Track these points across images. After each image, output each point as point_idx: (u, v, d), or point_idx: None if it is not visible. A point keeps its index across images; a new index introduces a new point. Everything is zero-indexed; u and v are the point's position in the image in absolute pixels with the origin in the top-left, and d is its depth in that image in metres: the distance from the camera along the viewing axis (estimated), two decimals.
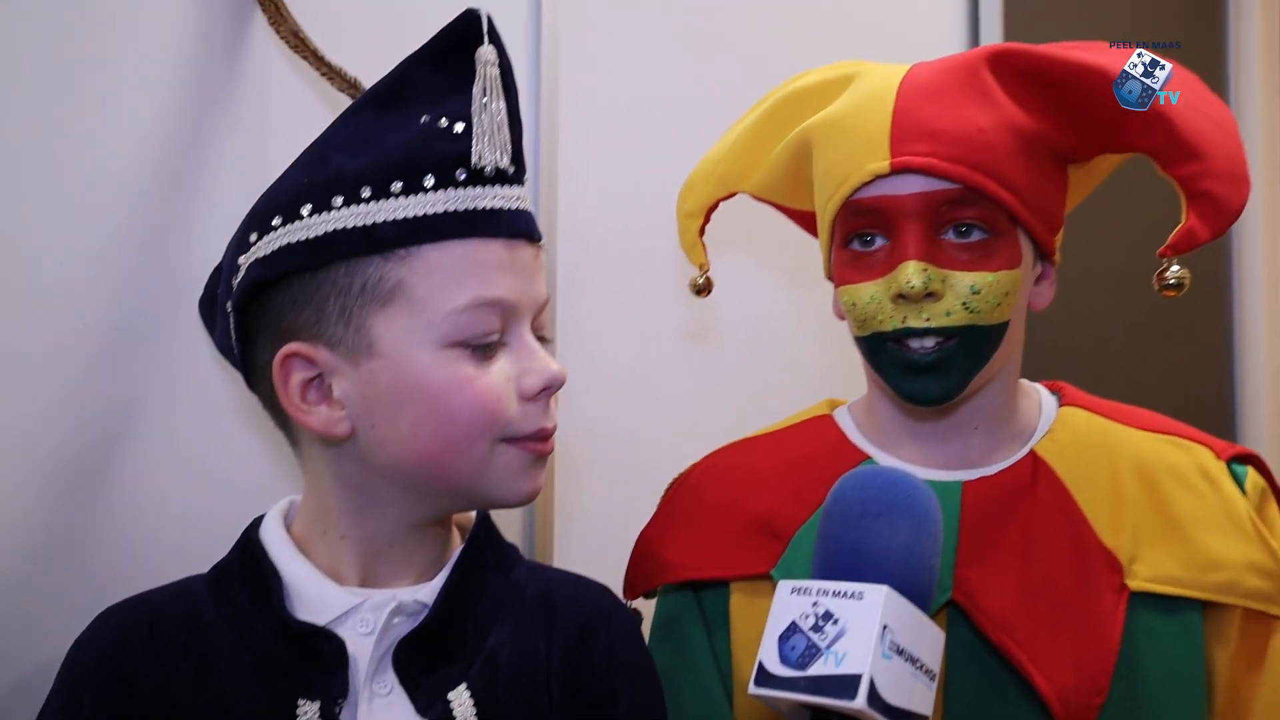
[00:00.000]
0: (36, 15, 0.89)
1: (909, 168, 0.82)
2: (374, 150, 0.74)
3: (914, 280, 0.81)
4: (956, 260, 0.83)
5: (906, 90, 0.86)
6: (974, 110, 0.84)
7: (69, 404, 0.91)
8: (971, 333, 0.83)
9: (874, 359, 0.88)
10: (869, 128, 0.85)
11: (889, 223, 0.84)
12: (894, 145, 0.83)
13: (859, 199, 0.85)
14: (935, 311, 0.83)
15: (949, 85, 0.85)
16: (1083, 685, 0.79)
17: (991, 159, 0.82)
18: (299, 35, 0.91)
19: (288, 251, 0.74)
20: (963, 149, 0.82)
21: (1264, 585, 0.83)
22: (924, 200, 0.83)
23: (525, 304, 0.77)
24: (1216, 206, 0.81)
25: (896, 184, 0.83)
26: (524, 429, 0.77)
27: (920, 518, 0.73)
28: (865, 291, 0.85)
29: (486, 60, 0.76)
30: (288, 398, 0.76)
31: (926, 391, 0.85)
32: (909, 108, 0.85)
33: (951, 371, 0.84)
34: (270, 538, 0.80)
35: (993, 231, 0.83)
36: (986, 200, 0.83)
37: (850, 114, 0.87)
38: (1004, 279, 0.83)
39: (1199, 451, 0.89)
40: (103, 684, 0.74)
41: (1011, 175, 0.83)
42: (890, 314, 0.84)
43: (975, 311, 0.83)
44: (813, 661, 0.68)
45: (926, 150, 0.82)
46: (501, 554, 0.85)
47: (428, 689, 0.75)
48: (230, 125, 0.99)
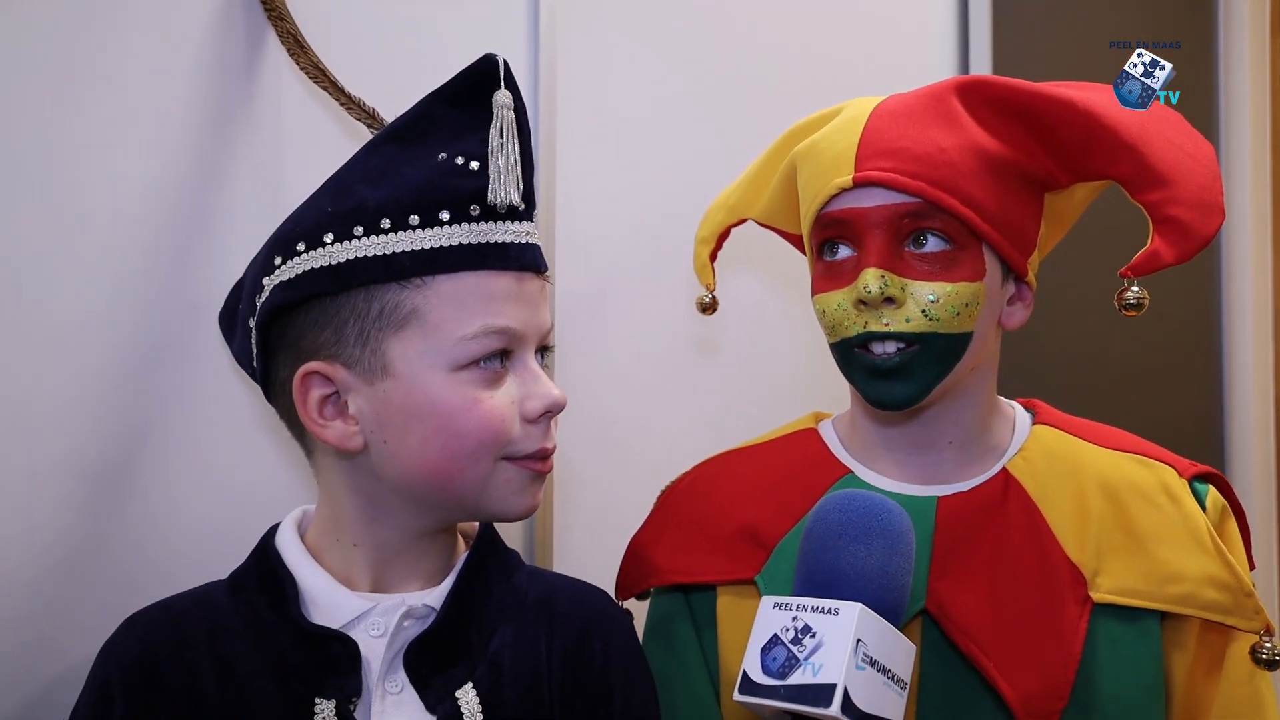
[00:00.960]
0: (54, 47, 0.91)
1: (870, 181, 0.87)
2: (394, 183, 0.78)
3: (871, 285, 0.86)
4: (916, 270, 0.87)
5: (877, 114, 0.91)
6: (936, 132, 0.89)
7: (93, 417, 0.94)
8: (933, 340, 0.87)
9: (844, 365, 0.92)
10: (839, 147, 0.90)
11: (855, 234, 0.89)
12: (859, 161, 0.88)
13: (828, 212, 0.90)
14: (896, 318, 0.87)
15: (916, 110, 0.91)
16: (1046, 691, 0.83)
17: (950, 176, 0.87)
18: (319, 67, 0.95)
19: (311, 276, 0.78)
20: (923, 166, 0.87)
21: (1221, 598, 0.86)
22: (885, 212, 0.87)
23: (530, 332, 0.82)
24: (1183, 232, 0.84)
25: (861, 197, 0.88)
26: (525, 449, 0.81)
27: (893, 539, 0.79)
28: (833, 299, 0.90)
29: (503, 105, 0.80)
30: (306, 413, 0.80)
31: (890, 394, 0.89)
32: (876, 128, 0.90)
33: (914, 377, 0.88)
34: (286, 546, 0.84)
35: (953, 244, 0.87)
36: (945, 214, 0.87)
37: (826, 137, 0.93)
38: (963, 290, 0.87)
39: (1163, 470, 0.92)
40: (132, 686, 0.77)
41: (971, 192, 0.87)
42: (854, 320, 0.88)
43: (934, 319, 0.87)
44: (792, 671, 0.74)
45: (888, 166, 0.87)
46: (504, 560, 0.89)
47: (437, 687, 0.80)
48: (248, 152, 1.02)
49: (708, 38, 1.38)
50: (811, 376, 1.43)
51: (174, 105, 0.97)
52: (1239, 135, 1.90)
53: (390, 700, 0.79)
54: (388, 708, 0.79)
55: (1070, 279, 1.58)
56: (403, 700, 0.79)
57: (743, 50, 1.41)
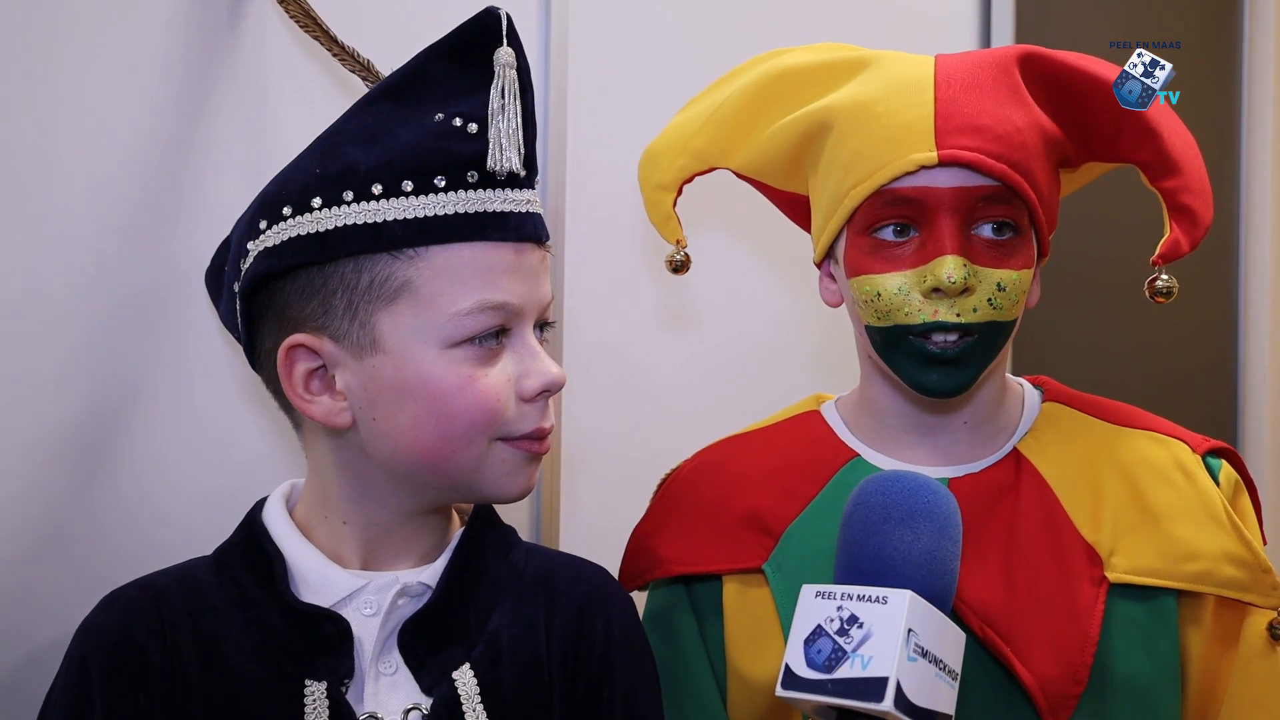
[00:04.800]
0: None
1: (957, 160, 0.82)
2: (387, 145, 0.75)
3: (955, 275, 0.82)
4: (986, 257, 0.84)
5: (946, 81, 0.86)
6: (1010, 109, 0.85)
7: (71, 387, 0.92)
8: (991, 329, 0.85)
9: (890, 351, 0.88)
10: (907, 116, 0.85)
11: (925, 215, 0.84)
12: (939, 136, 0.83)
13: (896, 188, 0.84)
14: (965, 307, 0.84)
15: (986, 81, 0.86)
16: (1063, 675, 0.82)
17: (1026, 158, 0.84)
18: (310, 15, 0.91)
19: (297, 244, 0.75)
20: (1005, 146, 0.83)
21: (1238, 574, 0.85)
22: (961, 195, 0.83)
23: (529, 307, 0.78)
24: (1193, 220, 0.86)
25: (938, 176, 0.83)
26: (521, 429, 0.78)
27: (941, 522, 0.75)
28: (892, 282, 0.85)
29: (505, 63, 0.76)
30: (291, 387, 0.77)
31: (943, 384, 0.86)
32: (952, 98, 0.85)
33: (970, 366, 0.86)
34: (274, 521, 0.82)
35: (1017, 230, 0.85)
36: (1018, 199, 0.84)
37: (884, 101, 0.86)
38: (1024, 277, 0.86)
39: (1176, 446, 0.91)
40: (112, 667, 0.75)
41: (1038, 176, 0.85)
42: (919, 307, 0.84)
43: (998, 308, 0.84)
44: (839, 664, 0.70)
45: (973, 145, 0.83)
46: (501, 537, 0.87)
47: (432, 668, 0.78)
48: (237, 105, 0.99)
49: (720, 17, 1.34)
50: (816, 357, 1.41)
51: (152, 57, 0.94)
52: (1260, 132, 1.91)
53: (384, 682, 0.78)
54: (381, 689, 0.77)
55: (1085, 269, 1.60)
56: (397, 681, 0.78)
57: (755, 32, 1.34)
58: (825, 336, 1.34)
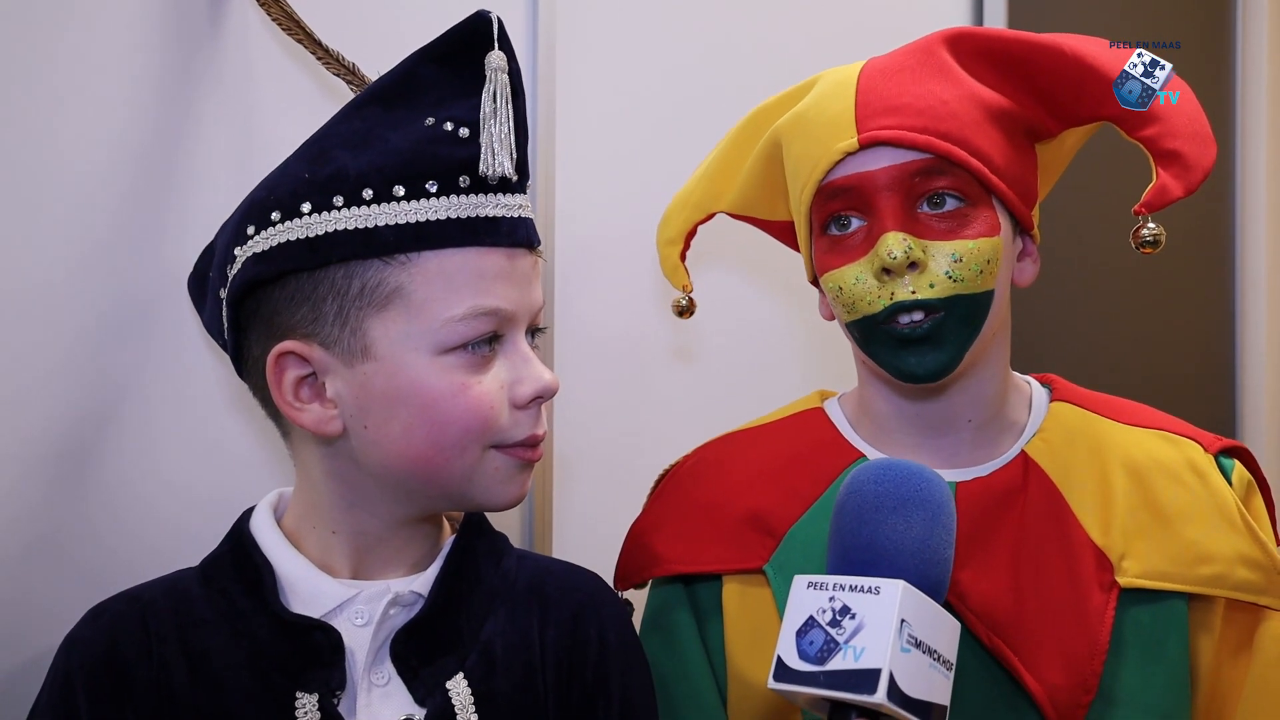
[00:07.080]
0: (12, 2, 0.87)
1: (877, 140, 0.83)
2: (377, 149, 0.74)
3: (895, 250, 0.81)
4: (934, 230, 0.83)
5: (868, 74, 0.87)
6: (934, 84, 0.85)
7: (56, 395, 0.91)
8: (958, 303, 0.83)
9: (865, 342, 0.87)
10: (833, 112, 0.86)
11: (864, 200, 0.84)
12: (859, 123, 0.84)
13: (831, 181, 0.85)
14: (920, 284, 0.83)
15: (908, 65, 0.87)
16: (1072, 684, 0.81)
17: (957, 127, 0.83)
18: (293, 17, 0.89)
19: (286, 249, 0.74)
20: (927, 119, 0.83)
21: (1253, 577, 0.84)
22: (896, 173, 0.83)
23: (522, 312, 0.77)
24: (1185, 164, 0.83)
25: (866, 160, 0.84)
26: (515, 436, 0.77)
27: (934, 510, 0.74)
28: (849, 274, 0.85)
29: (497, 67, 0.75)
30: (280, 394, 0.76)
31: (922, 365, 0.84)
32: (871, 87, 0.86)
33: (945, 343, 0.84)
34: (261, 531, 0.80)
35: (967, 200, 0.84)
36: (957, 169, 0.83)
37: (815, 105, 0.88)
38: (984, 246, 0.83)
39: (1187, 446, 0.89)
40: (97, 681, 0.74)
41: (979, 144, 0.84)
42: (877, 293, 0.84)
43: (959, 280, 0.83)
44: (831, 656, 0.69)
45: (893, 123, 0.83)
46: (492, 544, 0.86)
47: (425, 679, 0.77)
48: (220, 110, 0.97)
49: (710, 25, 1.33)
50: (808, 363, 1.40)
51: (134, 61, 0.93)
52: (1255, 131, 1.91)
53: (376, 693, 0.76)
54: (374, 701, 0.76)
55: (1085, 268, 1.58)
56: (389, 692, 0.76)
57: (745, 39, 1.36)
58: (821, 339, 1.34)
